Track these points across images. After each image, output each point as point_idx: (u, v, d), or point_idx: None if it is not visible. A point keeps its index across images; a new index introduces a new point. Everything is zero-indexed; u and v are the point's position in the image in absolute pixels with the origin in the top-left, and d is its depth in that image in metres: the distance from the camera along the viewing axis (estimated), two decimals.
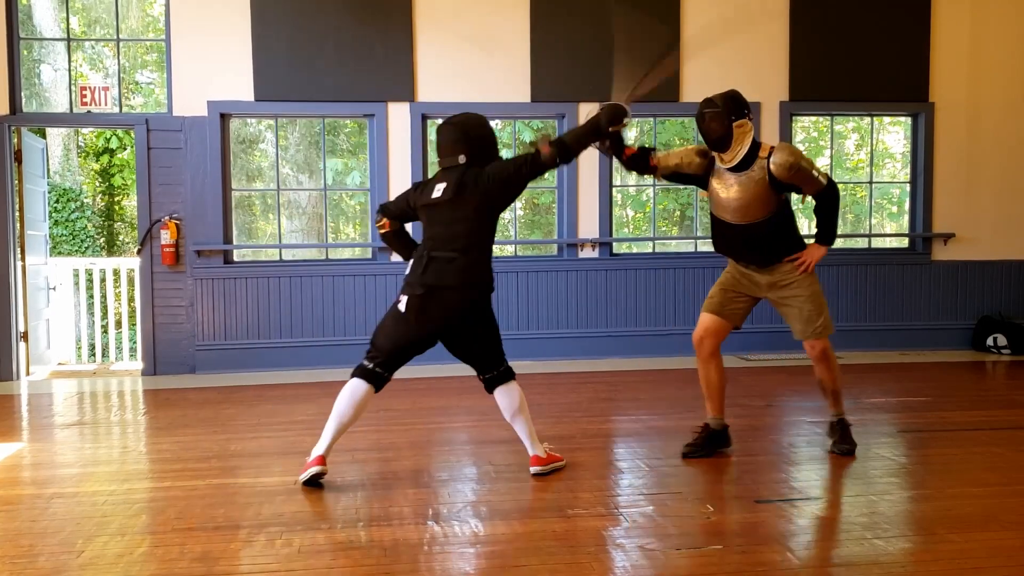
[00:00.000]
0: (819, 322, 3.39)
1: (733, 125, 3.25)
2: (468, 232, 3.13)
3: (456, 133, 3.19)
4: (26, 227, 6.15)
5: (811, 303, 3.38)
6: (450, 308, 3.14)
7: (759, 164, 3.28)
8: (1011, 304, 6.82)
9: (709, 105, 3.30)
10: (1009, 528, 2.71)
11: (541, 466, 3.31)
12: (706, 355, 3.53)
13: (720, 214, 3.44)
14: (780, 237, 3.38)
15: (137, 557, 2.55)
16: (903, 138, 10.17)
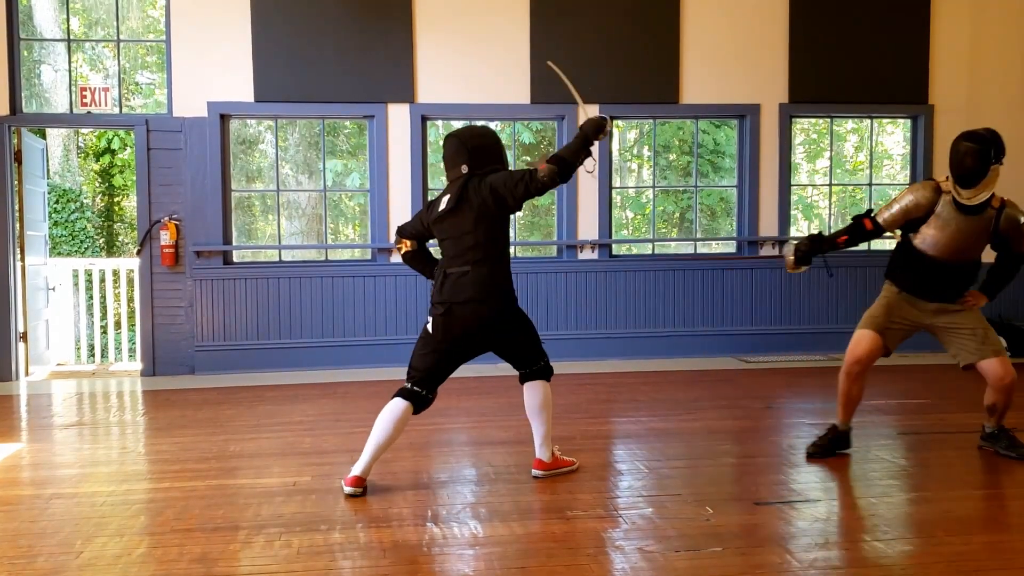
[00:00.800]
0: (996, 343, 3.37)
1: (991, 168, 3.19)
2: (475, 244, 3.11)
3: (455, 144, 3.19)
4: (26, 227, 6.15)
5: (982, 323, 3.39)
6: (471, 322, 3.10)
7: (989, 212, 3.27)
8: (1011, 306, 6.82)
9: (973, 140, 3.21)
10: (1008, 530, 2.72)
11: (543, 470, 3.30)
12: (858, 374, 3.48)
13: (927, 249, 3.36)
14: (972, 279, 3.43)
15: (136, 558, 2.55)
16: (902, 140, 10.18)
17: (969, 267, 3.38)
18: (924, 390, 5.26)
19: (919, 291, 3.42)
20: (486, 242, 3.12)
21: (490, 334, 3.16)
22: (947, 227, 3.29)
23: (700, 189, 7.67)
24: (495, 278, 3.13)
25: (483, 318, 3.11)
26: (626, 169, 11.75)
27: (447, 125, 9.99)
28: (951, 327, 3.40)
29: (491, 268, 3.12)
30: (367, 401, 4.98)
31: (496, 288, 3.12)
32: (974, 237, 3.30)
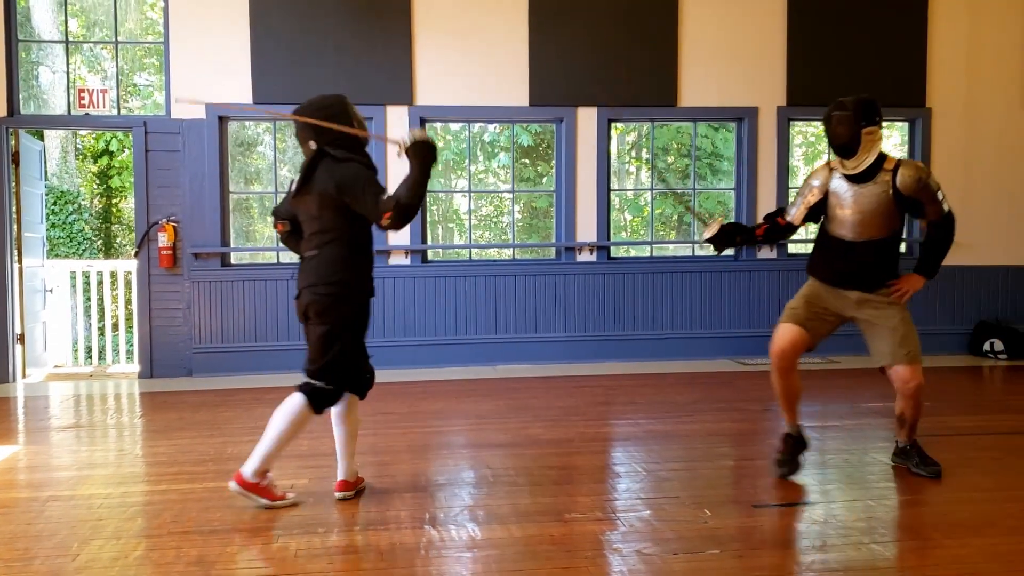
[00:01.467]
0: (913, 348, 3.16)
1: (862, 131, 3.08)
2: (321, 229, 2.94)
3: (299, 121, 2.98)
4: (23, 229, 6.14)
5: (905, 324, 3.19)
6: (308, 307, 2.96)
7: (883, 177, 3.11)
8: (1008, 309, 6.83)
9: (839, 108, 3.13)
10: (1006, 533, 2.72)
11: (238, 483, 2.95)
12: (786, 368, 3.31)
13: (837, 231, 3.24)
14: (890, 261, 3.24)
15: (133, 561, 2.54)
16: (900, 143, 10.20)
17: (881, 246, 3.18)
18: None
19: (833, 278, 3.26)
20: (333, 228, 2.92)
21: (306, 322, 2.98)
22: (845, 203, 3.18)
23: (698, 192, 7.67)
24: (336, 265, 2.92)
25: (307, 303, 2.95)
26: (624, 172, 11.76)
27: (446, 127, 10.01)
28: (873, 322, 3.22)
29: (334, 253, 2.92)
30: (365, 403, 4.94)
31: (333, 272, 2.91)
32: (875, 207, 3.13)
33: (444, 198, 11.65)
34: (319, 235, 2.96)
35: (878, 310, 3.22)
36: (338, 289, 2.92)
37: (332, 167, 2.93)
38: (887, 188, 3.12)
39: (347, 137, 2.96)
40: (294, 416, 2.95)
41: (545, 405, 4.86)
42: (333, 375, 2.96)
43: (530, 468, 3.49)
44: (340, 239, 2.94)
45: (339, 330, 2.95)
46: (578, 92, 6.36)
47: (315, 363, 2.96)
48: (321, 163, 2.95)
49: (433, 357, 6.30)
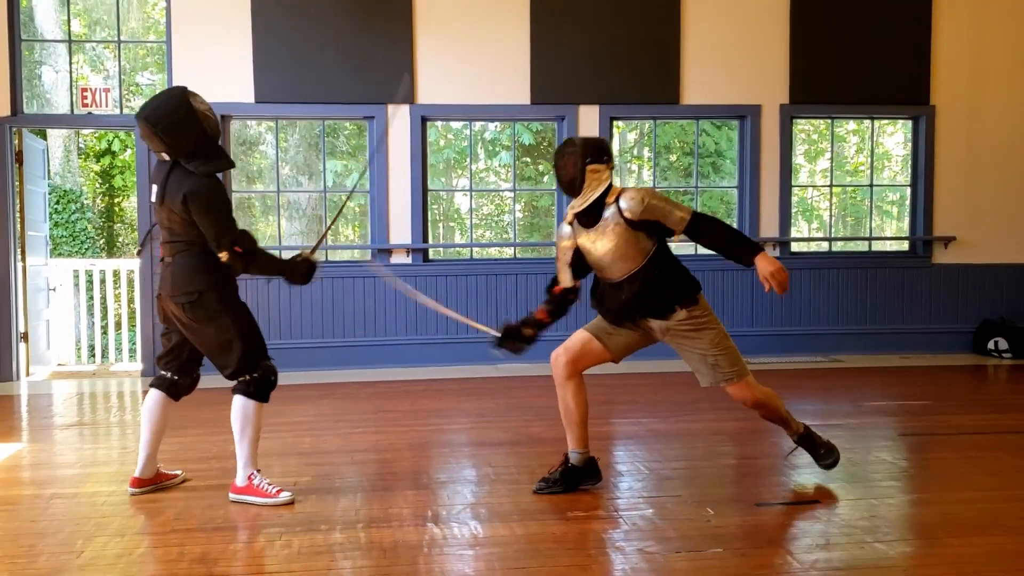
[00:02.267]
0: (728, 369, 3.01)
1: (587, 168, 2.96)
2: (172, 238, 2.95)
3: (145, 129, 2.87)
4: (26, 228, 6.15)
5: (714, 348, 3.01)
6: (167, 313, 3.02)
7: (611, 210, 2.99)
8: (1012, 307, 6.82)
9: (567, 145, 3.05)
10: (1010, 533, 2.71)
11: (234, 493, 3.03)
12: (561, 377, 3.10)
13: (602, 275, 3.11)
14: (668, 281, 3.02)
15: (136, 558, 2.55)
16: (903, 141, 10.18)
17: (646, 273, 2.99)
18: (924, 392, 5.25)
19: (615, 319, 3.09)
20: (184, 239, 2.93)
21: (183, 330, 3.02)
22: (595, 244, 3.03)
23: (701, 190, 7.66)
24: (190, 271, 2.91)
25: (173, 311, 2.98)
26: (626, 170, 11.75)
27: (447, 125, 10.00)
28: (682, 349, 3.09)
29: (187, 263, 2.93)
30: (367, 402, 4.98)
31: (187, 283, 2.91)
32: (618, 241, 2.98)
33: (445, 197, 11.65)
34: (171, 244, 2.97)
35: (683, 339, 3.05)
36: (196, 297, 2.93)
37: (183, 177, 2.88)
38: (618, 218, 2.98)
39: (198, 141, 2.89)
40: (247, 416, 3.01)
41: (546, 403, 4.86)
42: (249, 362, 2.99)
43: (532, 466, 3.49)
44: (191, 249, 2.93)
45: (222, 321, 2.94)
46: (580, 90, 6.35)
47: (228, 366, 2.99)
48: (173, 172, 2.91)
49: (434, 355, 6.30)
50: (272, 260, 3.05)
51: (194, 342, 3.05)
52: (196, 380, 3.23)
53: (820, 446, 3.27)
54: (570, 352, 3.11)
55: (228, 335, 2.96)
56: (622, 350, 3.13)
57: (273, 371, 3.08)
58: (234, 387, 3.04)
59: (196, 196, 2.85)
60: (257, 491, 3.01)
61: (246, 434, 3.02)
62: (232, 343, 2.96)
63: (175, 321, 3.04)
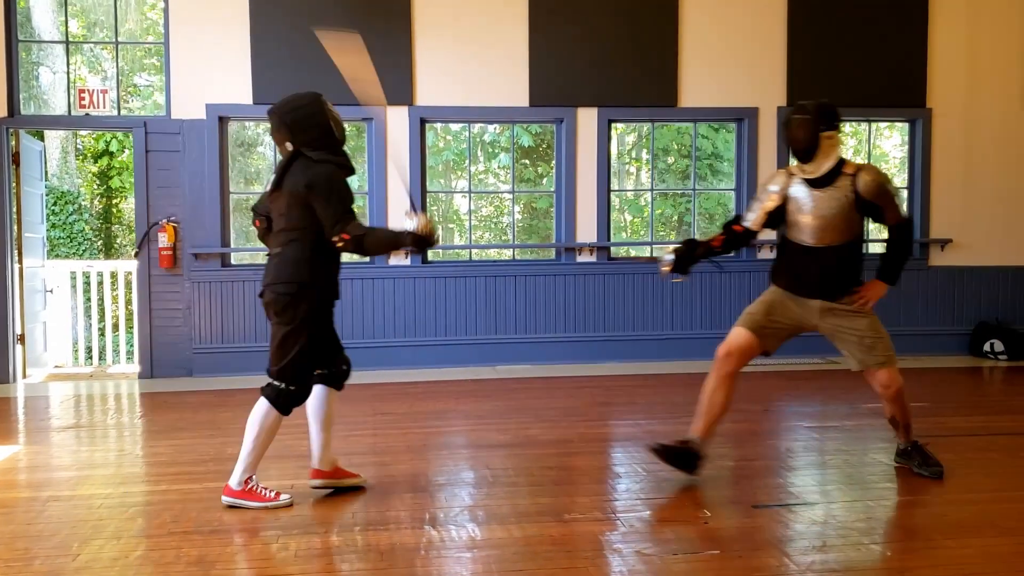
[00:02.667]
0: (882, 354, 3.14)
1: (821, 135, 3.04)
2: (287, 227, 2.95)
3: (275, 120, 2.99)
4: (24, 229, 6.14)
5: (872, 331, 3.15)
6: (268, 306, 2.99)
7: (844, 181, 3.08)
8: (1008, 310, 6.83)
9: (799, 111, 3.11)
10: (1005, 534, 2.72)
11: (227, 496, 3.00)
12: (725, 374, 3.23)
13: (797, 237, 3.18)
14: (853, 268, 3.17)
15: (133, 561, 2.55)
16: (900, 143, 10.21)
17: (843, 252, 3.12)
18: (921, 393, 5.25)
19: (796, 286, 3.19)
20: (299, 227, 2.93)
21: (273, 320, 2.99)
22: (805, 208, 3.13)
23: (698, 193, 7.67)
24: (298, 261, 2.92)
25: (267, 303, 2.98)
26: (624, 172, 11.77)
27: (446, 127, 10.01)
28: (839, 331, 3.18)
29: (297, 252, 2.93)
30: (365, 404, 4.98)
31: (291, 275, 2.91)
32: (836, 212, 3.08)
33: (444, 199, 11.65)
34: (284, 233, 2.97)
35: (843, 319, 3.16)
36: (297, 288, 2.91)
37: (306, 166, 2.93)
38: (848, 192, 3.08)
39: (325, 137, 2.95)
40: (264, 421, 2.98)
41: (545, 405, 4.86)
42: (293, 376, 2.97)
43: (530, 468, 3.49)
44: (303, 238, 2.93)
45: (298, 330, 2.94)
46: (578, 92, 6.36)
47: (275, 364, 2.99)
48: (296, 162, 2.96)
49: (433, 357, 6.30)
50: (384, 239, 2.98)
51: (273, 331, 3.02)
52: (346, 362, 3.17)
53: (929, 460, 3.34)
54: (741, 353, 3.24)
55: (293, 345, 2.94)
56: (777, 342, 3.29)
57: (308, 391, 3.04)
58: (263, 388, 3.01)
59: (320, 182, 2.88)
60: (255, 495, 2.99)
61: (258, 439, 2.98)
62: (291, 352, 2.94)
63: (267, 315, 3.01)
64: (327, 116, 2.98)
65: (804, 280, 3.19)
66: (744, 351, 3.25)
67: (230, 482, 3.03)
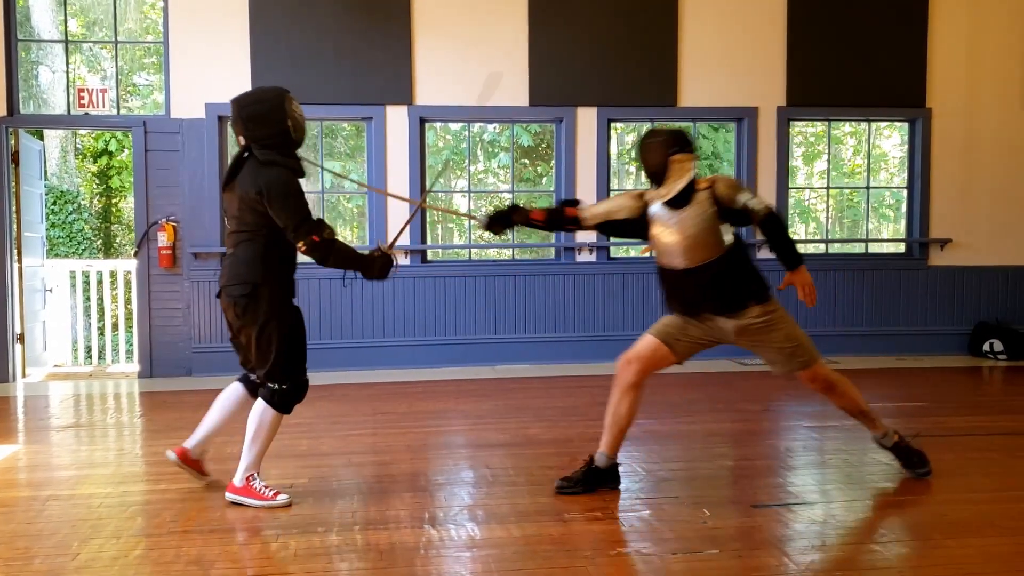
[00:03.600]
0: (805, 356, 3.09)
1: (671, 158, 3.02)
2: (238, 228, 2.92)
3: (233, 111, 2.91)
4: (23, 229, 6.14)
5: (790, 340, 3.07)
6: (225, 308, 2.99)
7: (701, 196, 3.04)
8: (1008, 310, 6.84)
9: (651, 135, 3.11)
10: (1005, 534, 2.72)
11: (231, 493, 3.01)
12: (626, 384, 3.13)
13: (669, 262, 3.13)
14: (740, 277, 3.05)
15: (133, 560, 2.55)
16: (900, 143, 10.22)
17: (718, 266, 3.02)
18: (920, 393, 5.27)
19: (687, 310, 3.14)
20: (250, 229, 2.89)
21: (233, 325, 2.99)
22: (671, 229, 3.07)
23: None
24: (250, 261, 2.89)
25: (225, 308, 2.97)
26: (624, 172, 11.77)
27: (445, 127, 10.00)
28: (757, 346, 3.12)
29: (248, 252, 2.90)
30: (365, 403, 4.98)
31: (245, 272, 2.89)
32: (701, 227, 3.01)
33: (444, 198, 11.65)
34: (236, 234, 2.95)
35: (759, 335, 3.08)
36: (252, 289, 2.89)
37: (256, 168, 2.88)
38: (709, 205, 3.02)
39: (278, 136, 2.89)
40: (263, 422, 2.99)
41: (544, 405, 4.87)
42: (283, 374, 2.97)
43: (529, 468, 3.49)
44: (255, 239, 2.91)
45: (266, 327, 2.92)
46: (578, 92, 6.36)
47: (261, 367, 2.98)
48: (246, 162, 2.91)
49: (432, 357, 6.30)
50: (350, 253, 3.00)
51: (241, 337, 3.02)
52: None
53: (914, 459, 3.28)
54: (643, 361, 3.13)
55: (269, 343, 2.93)
56: (687, 353, 3.19)
57: (304, 386, 3.06)
58: (259, 389, 3.03)
59: (272, 187, 2.84)
60: (255, 493, 3.00)
61: (258, 439, 3.00)
62: (270, 351, 2.94)
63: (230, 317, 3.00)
64: (286, 115, 2.90)
65: (692, 303, 3.11)
66: (649, 359, 3.14)
67: (234, 479, 3.04)
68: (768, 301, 3.07)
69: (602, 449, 3.17)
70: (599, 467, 3.16)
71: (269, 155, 2.88)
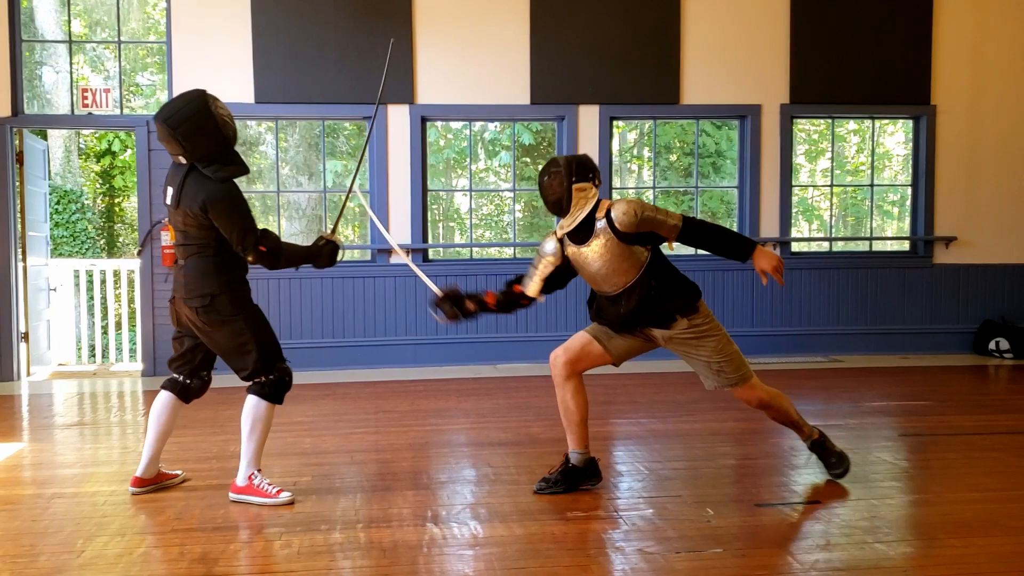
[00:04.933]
0: (732, 374, 3.05)
1: (573, 187, 2.98)
2: (186, 241, 2.98)
3: (162, 131, 2.89)
4: (27, 228, 6.15)
5: (718, 355, 3.04)
6: (181, 317, 3.04)
7: (600, 226, 2.98)
8: (1013, 308, 6.81)
9: (552, 166, 3.06)
10: (1009, 533, 2.71)
11: (234, 493, 3.05)
12: (560, 377, 3.10)
13: (599, 289, 3.11)
14: (666, 292, 3.00)
15: (137, 557, 2.55)
16: (904, 140, 10.18)
17: (638, 289, 2.99)
18: (925, 392, 5.25)
19: (618, 327, 3.09)
20: (198, 243, 2.95)
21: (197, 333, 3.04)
22: (588, 261, 3.03)
23: (701, 190, 7.65)
24: (203, 274, 2.94)
25: (187, 315, 3.00)
26: (626, 170, 11.75)
27: (446, 126, 10.01)
28: (687, 356, 3.10)
29: (199, 265, 2.95)
30: (367, 402, 4.98)
31: (199, 286, 2.94)
32: (611, 256, 2.98)
33: (445, 197, 11.65)
34: (185, 247, 3.00)
35: (687, 346, 3.06)
36: (210, 299, 2.96)
37: (200, 182, 2.90)
38: (609, 234, 2.97)
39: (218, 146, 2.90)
40: (258, 416, 3.02)
41: (546, 404, 4.86)
42: (265, 366, 3.01)
43: (532, 466, 3.49)
44: (204, 253, 2.96)
45: (233, 322, 2.97)
46: (579, 90, 6.35)
47: (243, 367, 3.02)
48: (190, 177, 2.93)
49: (434, 356, 6.30)
50: (297, 250, 3.09)
51: (210, 345, 3.07)
52: (207, 383, 3.25)
53: (832, 454, 3.28)
54: (569, 353, 3.11)
55: (243, 338, 2.98)
56: (623, 354, 3.14)
57: (288, 373, 3.10)
58: (248, 387, 3.05)
59: (216, 202, 2.88)
60: (258, 491, 3.01)
61: (255, 434, 3.02)
62: (247, 346, 2.99)
63: (190, 325, 3.05)
64: (216, 120, 2.90)
65: (625, 322, 3.07)
66: (577, 353, 3.10)
67: (236, 479, 3.05)
68: (695, 313, 3.02)
69: (572, 447, 3.15)
70: (575, 465, 3.15)
71: (214, 170, 2.90)
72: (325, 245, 3.12)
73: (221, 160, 2.93)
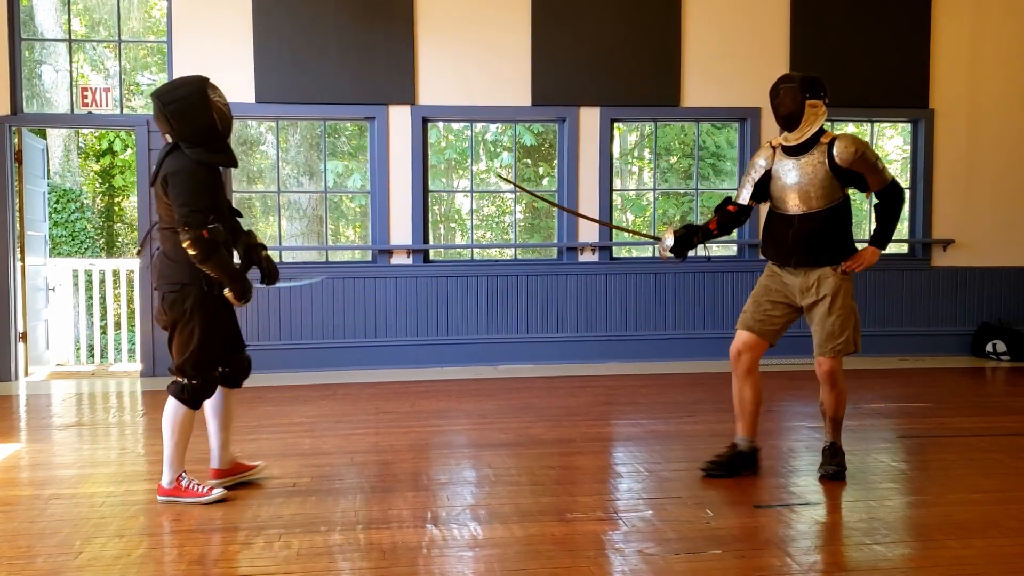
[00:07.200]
0: (840, 339, 3.18)
1: (807, 103, 3.16)
2: (162, 224, 2.94)
3: (155, 107, 2.86)
4: (26, 227, 6.15)
5: (838, 317, 3.17)
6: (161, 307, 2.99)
7: (820, 149, 3.17)
8: (1011, 310, 6.82)
9: (787, 80, 3.24)
10: (1008, 535, 2.71)
11: (160, 495, 3.03)
12: (742, 371, 3.32)
13: (779, 206, 3.28)
14: (834, 235, 3.20)
15: (135, 559, 2.55)
16: (903, 144, 10.20)
17: (822, 217, 3.18)
18: (924, 393, 5.26)
19: (779, 255, 3.27)
20: (168, 221, 2.90)
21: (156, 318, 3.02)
22: (785, 178, 3.23)
23: (701, 192, 7.66)
24: (174, 266, 2.91)
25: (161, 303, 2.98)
26: (627, 172, 11.76)
27: (448, 127, 10.01)
28: (811, 311, 3.24)
29: (172, 254, 2.92)
30: (367, 402, 4.98)
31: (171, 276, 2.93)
32: (812, 178, 3.17)
33: (446, 198, 11.65)
34: (161, 231, 2.96)
35: (817, 300, 3.22)
36: (180, 288, 2.92)
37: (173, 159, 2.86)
38: (822, 159, 3.17)
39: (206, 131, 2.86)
40: (176, 418, 2.99)
41: (547, 405, 4.86)
42: (195, 369, 2.98)
43: (532, 468, 3.49)
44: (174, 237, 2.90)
45: (191, 321, 2.94)
46: (581, 92, 6.35)
47: (176, 359, 3.01)
48: (169, 156, 2.90)
49: (435, 357, 6.30)
50: (228, 263, 2.93)
51: (159, 324, 3.05)
52: (246, 361, 3.19)
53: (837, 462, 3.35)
54: (750, 348, 3.32)
55: (189, 339, 2.96)
56: (775, 332, 3.36)
57: (213, 383, 3.04)
58: (169, 385, 3.04)
59: (175, 174, 2.82)
60: (187, 491, 3.00)
61: (173, 436, 2.99)
62: (188, 346, 2.97)
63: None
64: (210, 107, 2.86)
65: (787, 248, 3.25)
66: (752, 347, 3.35)
67: (161, 481, 3.03)
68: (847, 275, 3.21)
69: (740, 434, 3.36)
70: (743, 451, 3.34)
71: (197, 152, 2.86)
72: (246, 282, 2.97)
73: (207, 146, 2.89)
